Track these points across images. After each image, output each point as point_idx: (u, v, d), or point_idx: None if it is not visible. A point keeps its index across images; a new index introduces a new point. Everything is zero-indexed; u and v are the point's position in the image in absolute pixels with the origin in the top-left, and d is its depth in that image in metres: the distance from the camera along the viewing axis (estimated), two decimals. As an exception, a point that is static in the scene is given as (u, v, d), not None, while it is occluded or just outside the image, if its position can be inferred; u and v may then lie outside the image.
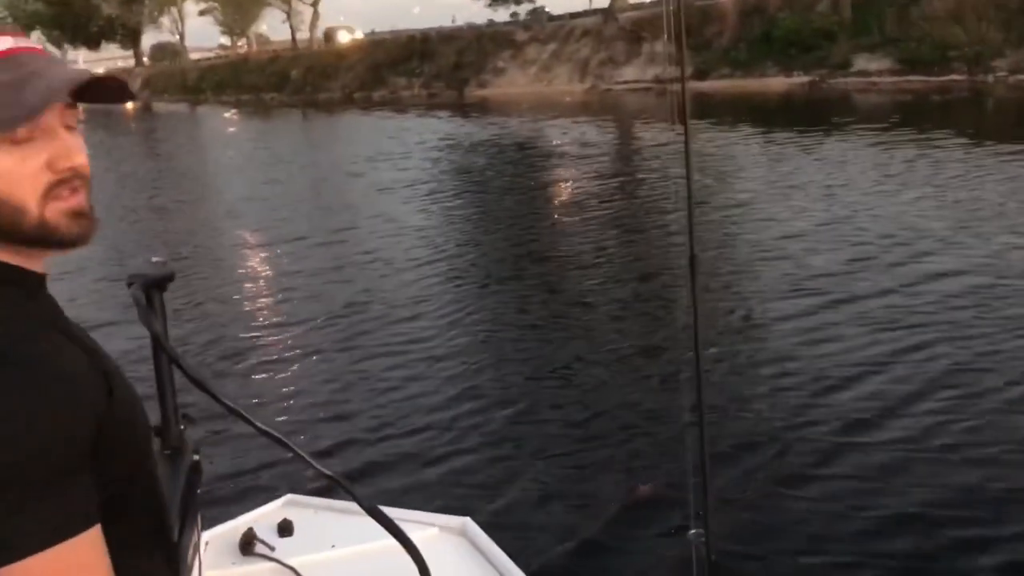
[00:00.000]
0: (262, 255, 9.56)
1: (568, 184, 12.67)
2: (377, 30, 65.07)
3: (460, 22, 48.37)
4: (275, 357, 6.07)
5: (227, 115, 38.78)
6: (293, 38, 64.69)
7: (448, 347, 5.98)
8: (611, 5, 34.50)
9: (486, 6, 43.38)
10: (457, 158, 17.16)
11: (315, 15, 63.71)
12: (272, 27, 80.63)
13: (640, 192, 11.80)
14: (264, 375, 5.77)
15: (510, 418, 4.83)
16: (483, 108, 28.23)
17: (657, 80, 27.27)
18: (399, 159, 16.97)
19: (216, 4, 73.34)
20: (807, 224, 8.73)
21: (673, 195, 11.17)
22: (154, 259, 1.60)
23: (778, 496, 3.80)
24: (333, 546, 2.10)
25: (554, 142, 17.90)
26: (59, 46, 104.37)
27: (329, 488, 2.05)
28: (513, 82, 33.81)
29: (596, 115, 22.62)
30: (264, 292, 7.97)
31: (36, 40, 1.01)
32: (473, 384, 5.33)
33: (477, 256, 8.83)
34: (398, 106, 32.65)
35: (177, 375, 1.56)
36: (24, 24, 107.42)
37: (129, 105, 58.77)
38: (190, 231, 11.59)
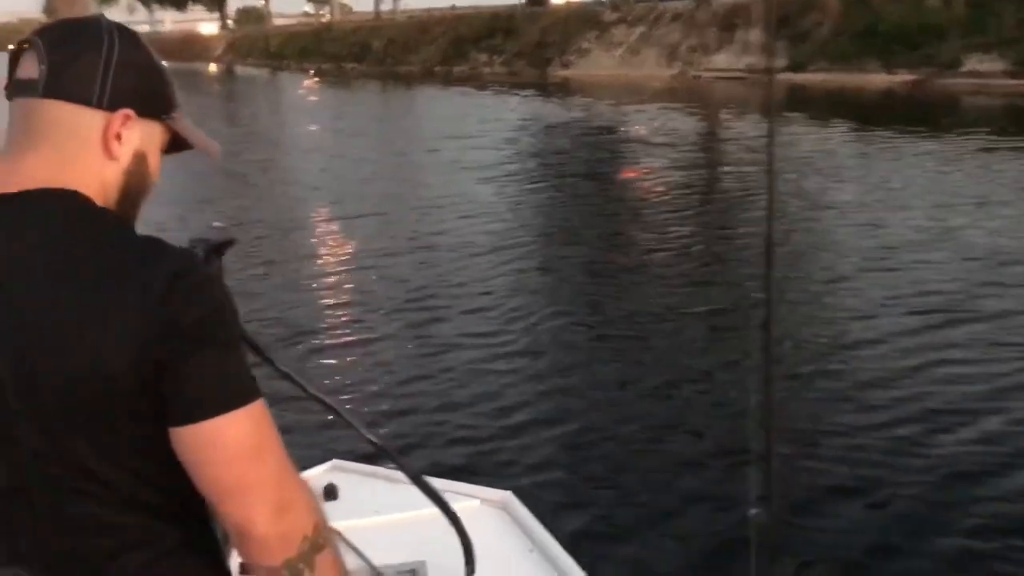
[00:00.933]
0: (332, 229, 9.62)
1: (650, 173, 12.41)
2: (458, 5, 65.23)
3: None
4: (336, 332, 6.09)
5: (306, 83, 39.33)
6: (377, 8, 65.25)
7: (514, 331, 5.94)
8: (705, -11, 33.73)
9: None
10: (537, 140, 17.02)
11: (401, -15, 63.94)
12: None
13: (724, 186, 11.51)
14: (323, 349, 5.79)
15: (567, 399, 4.89)
16: (565, 89, 27.96)
17: (750, 70, 26.62)
18: (478, 137, 16.91)
19: (302, -30, 74.29)
20: (906, 232, 8.34)
21: (761, 191, 10.87)
22: (215, 224, 1.61)
23: (846, 488, 3.82)
24: (377, 512, 2.15)
25: (638, 128, 17.60)
26: (147, 6, 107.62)
27: (375, 457, 2.05)
28: (598, 64, 33.40)
29: (683, 103, 22.17)
30: (331, 268, 8.00)
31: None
32: (532, 365, 5.36)
33: (551, 242, 8.71)
34: (478, 82, 32.59)
35: None
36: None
37: (212, 67, 60.24)
38: (262, 199, 11.74)
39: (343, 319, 6.44)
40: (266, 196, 11.99)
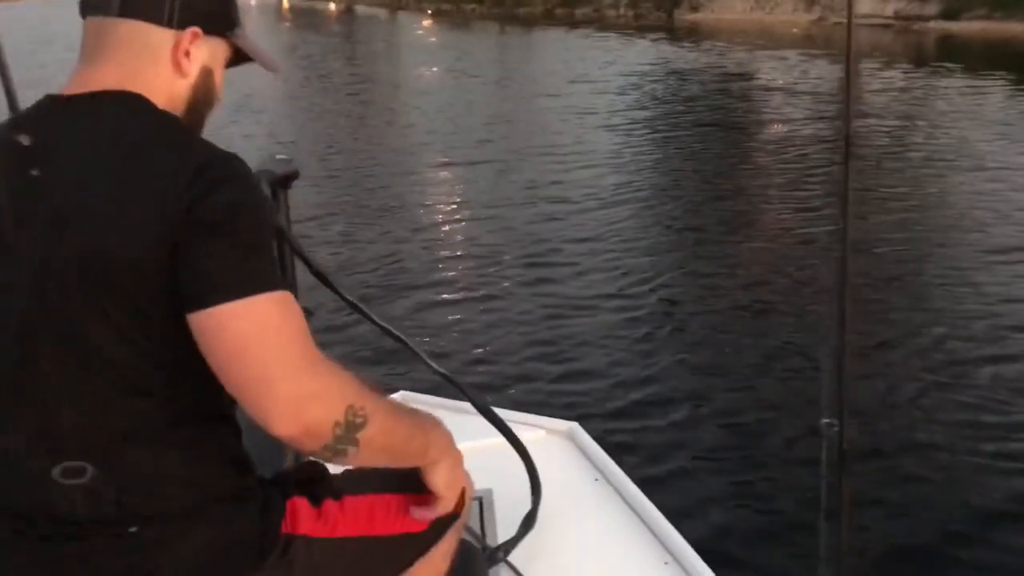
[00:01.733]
0: (447, 176, 9.43)
1: (779, 126, 11.69)
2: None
3: None
4: (444, 285, 5.90)
5: (425, 23, 39.27)
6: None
7: (628, 293, 5.64)
8: (853, -73, 31.59)
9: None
10: (664, 86, 16.34)
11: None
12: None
13: (861, 142, 10.71)
14: (431, 303, 5.62)
15: (651, 344, 4.81)
16: (694, 34, 26.86)
17: (897, 16, 24.90)
18: (601, 82, 16.37)
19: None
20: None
21: (899, 146, 10.07)
22: (279, 156, 1.67)
23: (917, 403, 4.04)
24: None
25: (771, 77, 16.68)
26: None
27: (443, 388, 2.06)
28: (730, 8, 31.96)
29: (822, 50, 20.92)
30: (443, 217, 7.80)
31: None
32: (637, 327, 5.12)
33: (674, 196, 8.26)
34: (602, 25, 31.74)
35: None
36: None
37: (332, 6, 60.96)
38: (378, 142, 11.68)
39: (452, 272, 6.25)
40: (382, 139, 11.92)
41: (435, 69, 20.53)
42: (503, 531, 1.90)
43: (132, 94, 1.15)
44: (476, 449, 2.14)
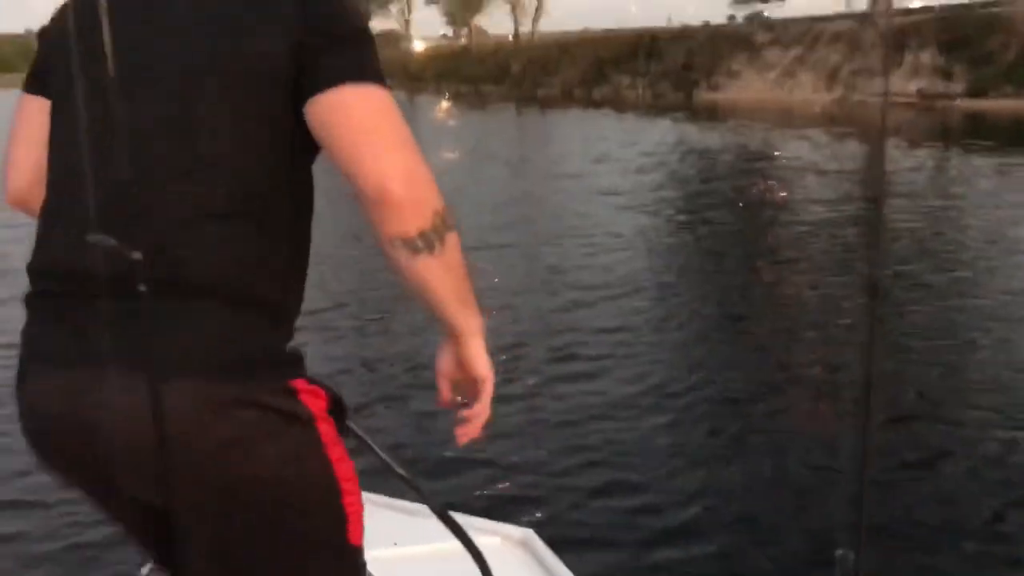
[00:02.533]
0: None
1: (807, 206, 11.49)
2: (591, 27, 65.63)
3: (676, 23, 47.46)
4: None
5: (444, 106, 39.98)
6: (516, 31, 66.15)
7: (646, 389, 5.27)
8: (871, 8, 32.16)
9: (729, 5, 42.01)
10: (684, 166, 16.31)
11: (539, 8, 64.78)
12: (495, 19, 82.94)
13: (888, 224, 10.49)
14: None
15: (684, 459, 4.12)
16: (714, 113, 27.08)
17: (922, 94, 25.01)
18: (621, 163, 16.35)
19: (442, -6, 76.60)
20: None
21: (933, 232, 9.81)
22: None
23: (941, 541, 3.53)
24: (395, 544, 2.20)
25: (794, 156, 16.61)
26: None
27: (396, 486, 1.91)
28: (749, 87, 32.32)
29: (845, 129, 20.95)
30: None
31: None
32: (653, 418, 4.63)
33: (696, 281, 8.00)
34: (620, 106, 32.16)
35: None
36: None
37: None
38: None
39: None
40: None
41: (454, 151, 20.68)
42: None
43: None
44: (429, 553, 2.17)
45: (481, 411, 1.37)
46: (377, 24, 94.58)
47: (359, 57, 1.21)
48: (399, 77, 62.78)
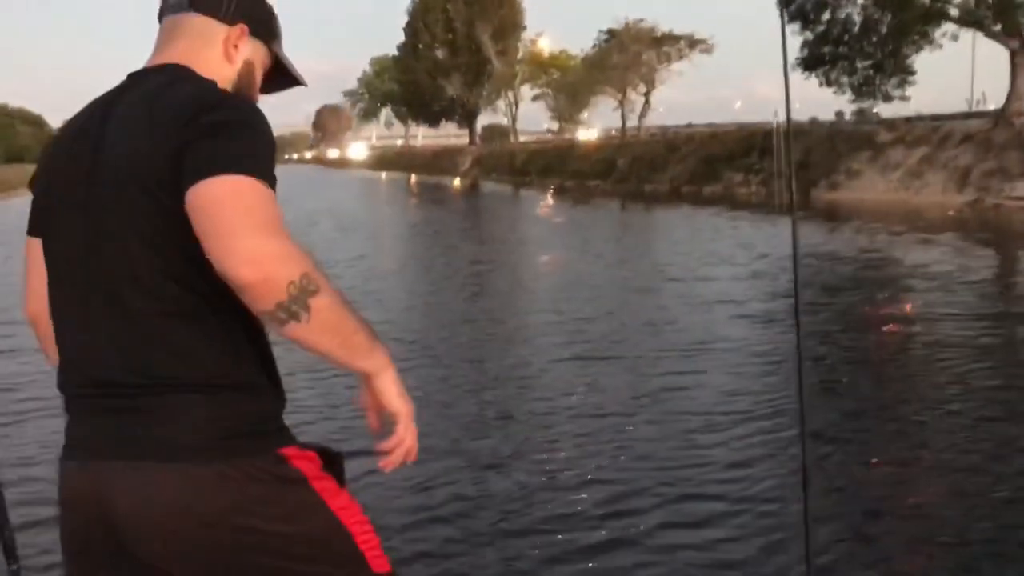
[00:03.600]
0: (564, 373, 8.75)
1: (941, 323, 10.57)
2: (694, 123, 65.74)
3: (781, 119, 46.89)
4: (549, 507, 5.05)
5: (547, 200, 40.18)
6: (623, 127, 66.79)
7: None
8: (1005, 107, 30.94)
9: (850, 101, 41.27)
10: (802, 272, 15.51)
11: (646, 104, 65.42)
12: (601, 115, 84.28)
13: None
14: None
15: None
16: (833, 214, 26.13)
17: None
18: (731, 266, 15.72)
19: (549, 91, 78.45)
20: None
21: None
22: None
23: None
24: None
25: (922, 263, 15.61)
26: (404, 121, 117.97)
27: None
28: (871, 187, 31.26)
29: (977, 234, 19.77)
30: (557, 424, 7.03)
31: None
32: None
33: (821, 404, 7.25)
34: (731, 204, 31.54)
35: None
36: (378, 100, 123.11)
37: (457, 181, 63.86)
38: (487, 329, 11.22)
39: (573, 498, 5.41)
40: (497, 326, 11.48)
41: (559, 249, 20.44)
42: None
43: (183, 65, 1.56)
44: None
45: (398, 441, 1.52)
46: (485, 119, 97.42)
47: (217, 150, 1.35)
48: (504, 171, 63.94)
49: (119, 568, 1.45)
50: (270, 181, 1.39)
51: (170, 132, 1.41)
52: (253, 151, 1.40)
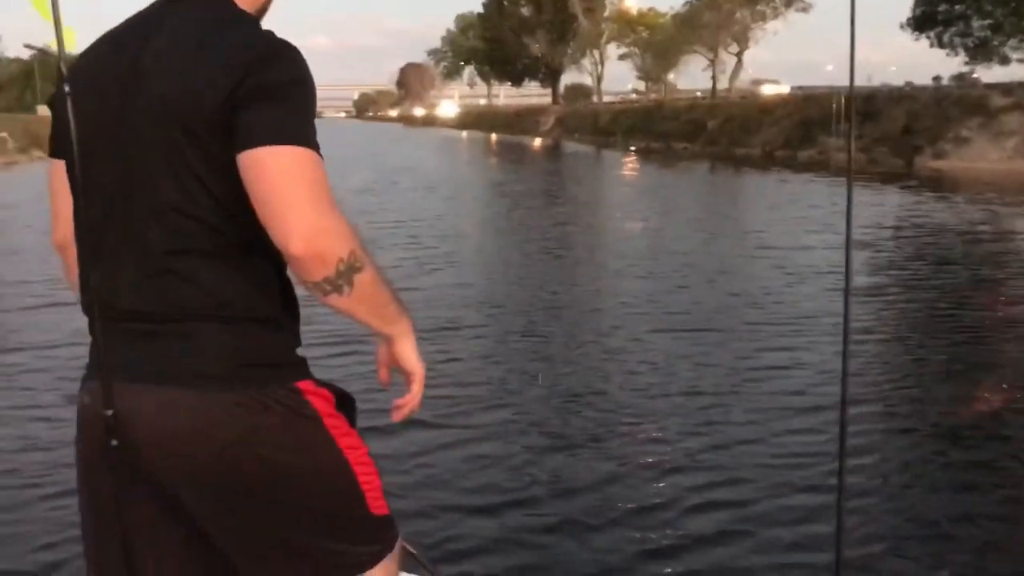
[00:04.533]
0: (651, 346, 8.31)
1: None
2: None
3: (876, 83, 45.02)
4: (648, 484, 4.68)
5: (631, 161, 39.38)
6: (714, 88, 65.13)
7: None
8: None
9: (964, 63, 39.19)
10: (906, 245, 14.67)
11: (738, 65, 63.60)
12: (689, 75, 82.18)
13: None
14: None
15: None
16: (939, 184, 24.84)
17: None
18: (832, 235, 14.94)
19: (636, 50, 76.90)
20: None
21: None
22: None
23: None
24: None
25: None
26: (487, 80, 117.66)
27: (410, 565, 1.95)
28: (982, 156, 29.64)
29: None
30: (644, 400, 6.63)
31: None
32: None
33: (913, 396, 6.67)
34: (828, 170, 30.29)
35: None
36: (462, 59, 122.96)
37: (537, 141, 63.25)
38: (565, 293, 10.84)
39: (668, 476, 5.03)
40: (576, 292, 11.09)
41: (645, 212, 19.87)
42: None
43: None
44: None
45: (411, 399, 1.68)
46: (568, 78, 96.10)
47: (279, 117, 1.40)
48: (587, 131, 63.01)
49: (132, 487, 1.52)
50: (317, 147, 1.44)
51: (224, 79, 1.42)
52: (309, 117, 1.44)
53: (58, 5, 1.44)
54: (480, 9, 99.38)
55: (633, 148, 47.36)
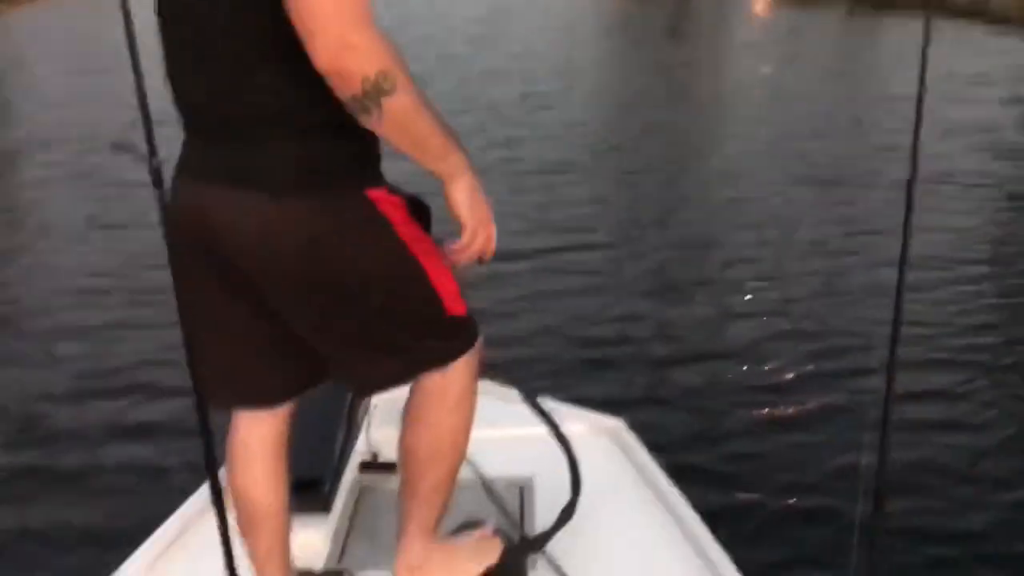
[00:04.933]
0: (777, 198, 7.68)
1: None
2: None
3: None
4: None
5: (761, 2, 36.87)
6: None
7: None
8: None
9: None
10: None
11: None
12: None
13: None
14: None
15: None
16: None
17: None
18: (986, 87, 13.53)
19: None
20: None
21: None
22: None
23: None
24: (490, 426, 2.13)
25: None
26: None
27: (493, 374, 2.10)
28: None
29: None
30: (752, 285, 6.11)
31: None
32: None
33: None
34: (987, 18, 27.51)
35: None
36: None
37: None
38: (680, 142, 10.17)
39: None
40: (690, 141, 10.41)
41: (774, 57, 18.50)
42: (541, 521, 2.09)
43: None
44: (520, 437, 2.38)
45: (460, 249, 1.63)
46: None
47: None
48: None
49: (224, 274, 1.60)
50: None
51: None
52: None
53: None
54: None
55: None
